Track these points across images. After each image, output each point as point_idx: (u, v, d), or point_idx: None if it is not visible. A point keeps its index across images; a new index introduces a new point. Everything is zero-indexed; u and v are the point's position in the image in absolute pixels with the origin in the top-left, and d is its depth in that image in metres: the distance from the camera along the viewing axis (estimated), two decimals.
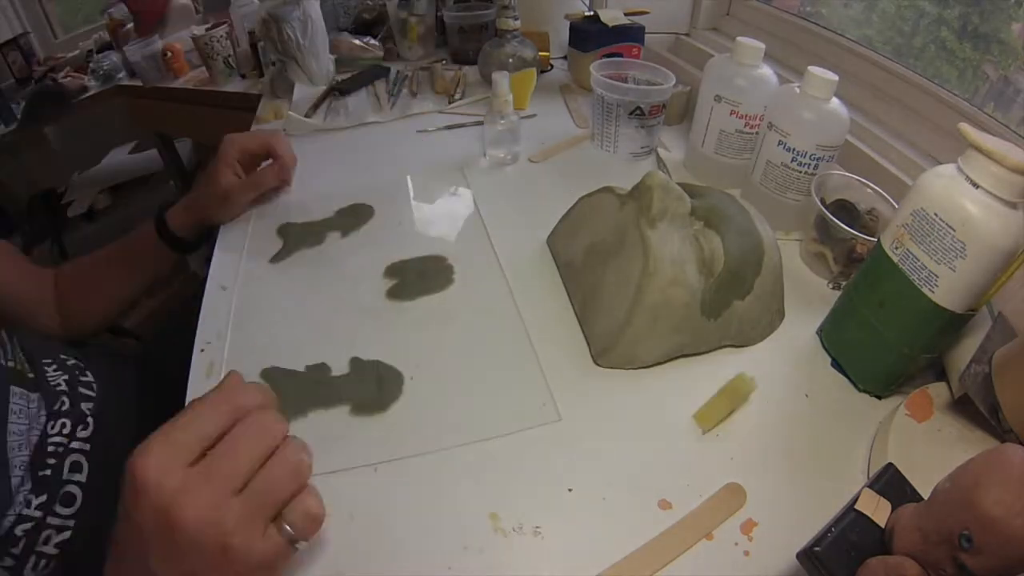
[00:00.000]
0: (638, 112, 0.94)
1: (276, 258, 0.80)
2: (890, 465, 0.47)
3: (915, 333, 0.57)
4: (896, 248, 0.57)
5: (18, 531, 0.60)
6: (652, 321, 0.62)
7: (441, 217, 0.88)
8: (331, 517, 0.51)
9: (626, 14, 1.14)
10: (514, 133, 0.99)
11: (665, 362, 0.65)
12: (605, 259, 0.67)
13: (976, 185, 0.50)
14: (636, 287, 0.61)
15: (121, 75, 1.99)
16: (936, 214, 0.52)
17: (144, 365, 0.87)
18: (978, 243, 0.50)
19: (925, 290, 0.54)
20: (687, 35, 1.26)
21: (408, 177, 0.97)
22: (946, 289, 0.53)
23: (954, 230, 0.51)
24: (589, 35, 1.16)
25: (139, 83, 1.85)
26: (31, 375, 0.68)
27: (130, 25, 1.96)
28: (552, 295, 0.73)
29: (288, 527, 0.41)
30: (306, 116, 1.13)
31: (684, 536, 0.51)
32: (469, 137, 1.08)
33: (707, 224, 0.66)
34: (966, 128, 0.51)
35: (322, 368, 0.65)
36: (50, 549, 0.62)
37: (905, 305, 0.57)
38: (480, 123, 1.10)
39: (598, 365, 0.65)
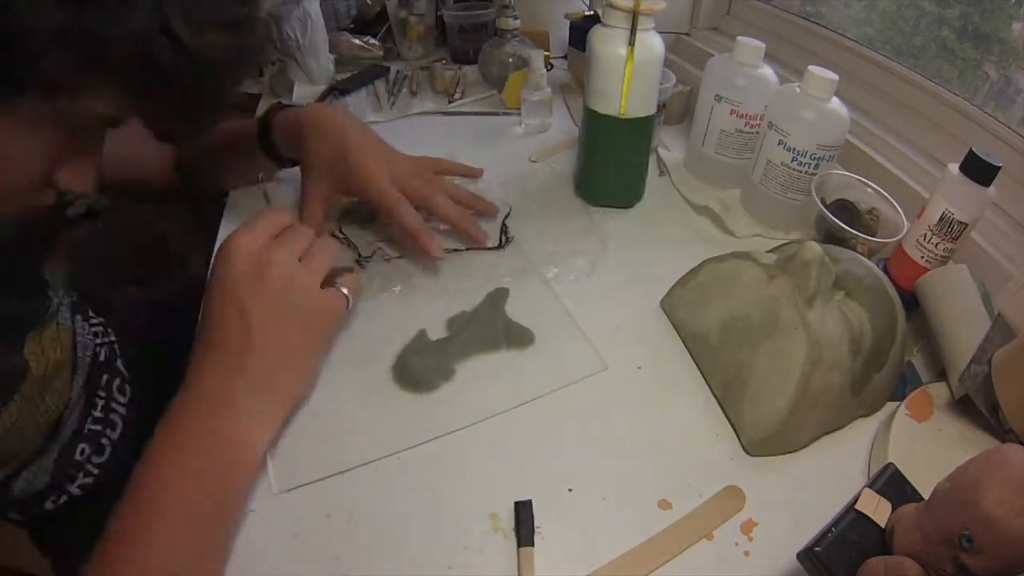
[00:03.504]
0: None
1: None
2: (890, 465, 0.48)
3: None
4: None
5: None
6: (810, 409, 0.57)
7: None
8: (331, 518, 0.51)
9: None
10: (547, 105, 1.08)
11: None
12: (754, 339, 0.60)
13: (606, 25, 0.75)
14: (800, 376, 0.56)
15: None
16: (597, 62, 0.77)
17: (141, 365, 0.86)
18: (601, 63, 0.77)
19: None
20: (687, 34, 1.26)
21: None
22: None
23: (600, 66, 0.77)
24: None
25: None
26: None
27: None
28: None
29: (344, 289, 0.62)
30: None
31: (683, 536, 0.51)
32: (477, 134, 1.08)
33: (847, 294, 0.63)
34: None
35: None
36: (74, 490, 0.66)
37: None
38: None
39: (749, 454, 0.58)
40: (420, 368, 0.64)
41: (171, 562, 0.46)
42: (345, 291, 0.62)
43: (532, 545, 0.49)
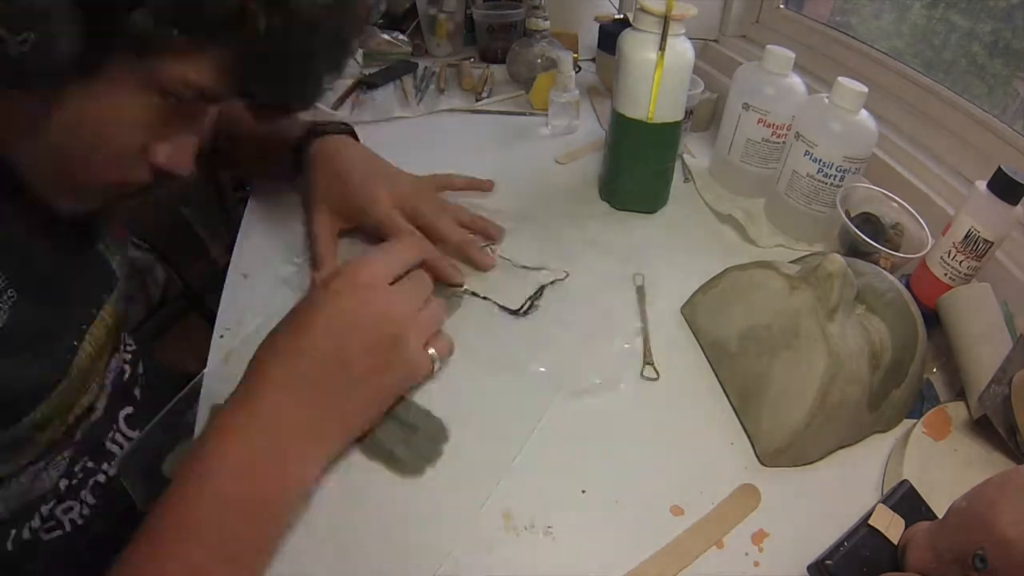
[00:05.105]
0: None
1: None
2: (905, 482, 0.48)
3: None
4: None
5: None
6: (827, 422, 0.56)
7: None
8: (343, 504, 0.52)
9: None
10: (574, 107, 1.08)
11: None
12: (773, 349, 0.60)
13: (637, 30, 0.76)
14: (818, 388, 0.55)
15: None
16: (627, 66, 0.77)
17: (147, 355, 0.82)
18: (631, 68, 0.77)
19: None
20: (715, 41, 1.26)
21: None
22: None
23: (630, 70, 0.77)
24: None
25: None
26: None
27: None
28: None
29: (432, 351, 0.58)
30: (333, 109, 1.14)
31: (696, 542, 0.51)
32: (503, 133, 1.09)
33: (868, 308, 0.62)
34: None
35: None
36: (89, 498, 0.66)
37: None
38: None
39: (763, 464, 0.58)
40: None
41: None
42: (434, 355, 0.58)
43: None
